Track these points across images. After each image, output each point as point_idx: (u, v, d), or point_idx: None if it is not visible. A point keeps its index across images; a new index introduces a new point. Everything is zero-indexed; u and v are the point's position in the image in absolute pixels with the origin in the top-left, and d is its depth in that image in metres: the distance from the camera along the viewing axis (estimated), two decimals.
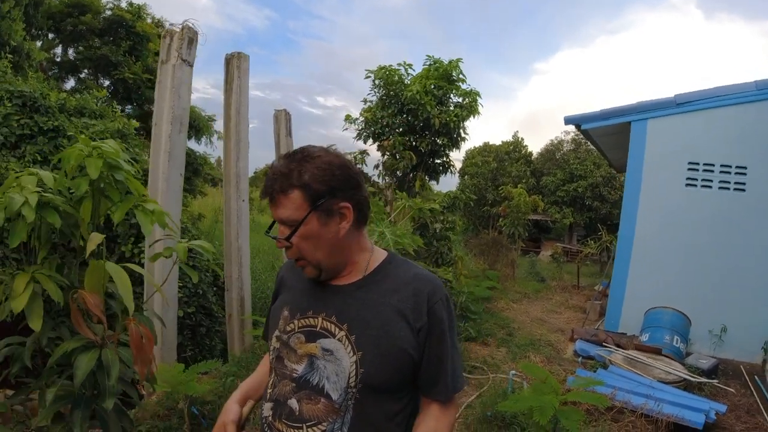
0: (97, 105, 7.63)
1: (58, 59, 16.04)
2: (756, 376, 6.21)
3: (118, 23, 14.93)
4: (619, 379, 5.21)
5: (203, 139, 18.51)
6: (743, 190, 7.03)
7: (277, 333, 1.39)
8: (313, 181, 1.24)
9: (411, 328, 1.29)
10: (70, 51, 15.69)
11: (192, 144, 17.91)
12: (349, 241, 1.35)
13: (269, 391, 1.39)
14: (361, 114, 10.36)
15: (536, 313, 9.51)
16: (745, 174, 7.03)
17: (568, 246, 20.44)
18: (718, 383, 5.65)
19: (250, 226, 5.97)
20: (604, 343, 6.67)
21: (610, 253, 15.13)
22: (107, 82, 16.24)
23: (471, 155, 23.08)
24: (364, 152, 10.56)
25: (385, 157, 10.10)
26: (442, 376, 1.34)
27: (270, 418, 1.34)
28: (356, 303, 1.33)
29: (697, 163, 7.30)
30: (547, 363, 6.18)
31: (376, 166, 10.45)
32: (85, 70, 16.37)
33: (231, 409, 1.43)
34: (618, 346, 6.54)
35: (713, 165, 7.21)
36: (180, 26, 4.65)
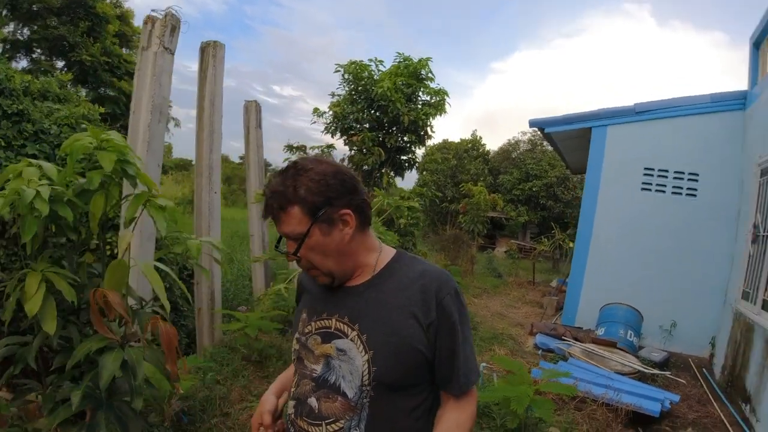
0: (60, 89, 7.42)
1: (11, 37, 15.35)
2: (704, 369, 6.70)
3: (77, 3, 14.38)
4: (579, 371, 5.52)
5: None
6: (695, 195, 7.53)
7: (297, 335, 1.44)
8: (309, 194, 1.25)
9: (420, 325, 1.31)
10: (26, 30, 15.03)
11: None
12: (356, 245, 1.37)
13: (293, 390, 1.44)
14: (329, 108, 10.41)
15: (496, 307, 9.86)
16: (697, 180, 7.52)
17: (523, 243, 21.04)
18: (670, 375, 6.06)
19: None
20: (563, 337, 7.03)
21: (563, 250, 15.74)
22: (61, 64, 15.66)
23: (431, 152, 23.35)
24: (330, 146, 10.66)
25: (353, 152, 10.22)
26: (456, 371, 1.35)
27: (293, 416, 1.40)
28: (366, 303, 1.35)
29: (653, 169, 7.75)
30: (511, 356, 6.46)
31: (342, 161, 10.55)
32: (38, 51, 15.72)
33: (268, 400, 1.48)
34: (576, 339, 6.90)
35: (667, 171, 7.68)
36: (162, 13, 4.58)
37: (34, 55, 15.89)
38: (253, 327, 4.96)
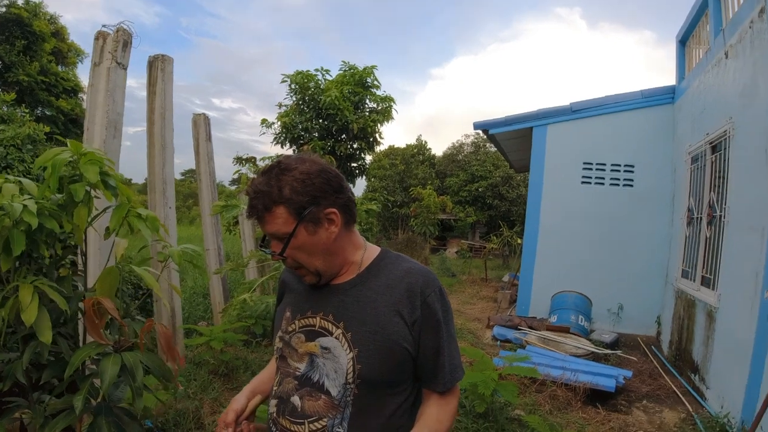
0: (4, 110, 7.25)
1: None
2: (652, 346, 7.16)
3: (13, 21, 13.87)
4: (536, 356, 5.81)
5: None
6: (632, 185, 8.02)
7: (280, 333, 1.43)
8: (294, 194, 1.25)
9: (405, 322, 1.31)
10: None
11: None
12: (342, 243, 1.37)
13: (275, 388, 1.43)
14: (277, 118, 10.48)
15: (453, 305, 10.00)
16: (633, 172, 8.02)
17: (473, 243, 21.55)
18: (622, 353, 6.45)
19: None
20: (518, 327, 7.35)
21: (511, 247, 16.24)
22: None
23: (377, 158, 23.65)
24: (280, 156, 10.71)
25: None
26: (441, 368, 1.36)
27: (275, 414, 1.39)
28: (351, 301, 1.35)
29: (591, 163, 8.21)
30: (472, 347, 6.71)
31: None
32: None
33: (237, 400, 1.48)
34: (531, 328, 7.23)
35: (605, 164, 8.15)
36: (113, 28, 4.58)
37: None
38: (218, 340, 4.97)
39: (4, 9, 14.30)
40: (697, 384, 5.35)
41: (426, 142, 27.34)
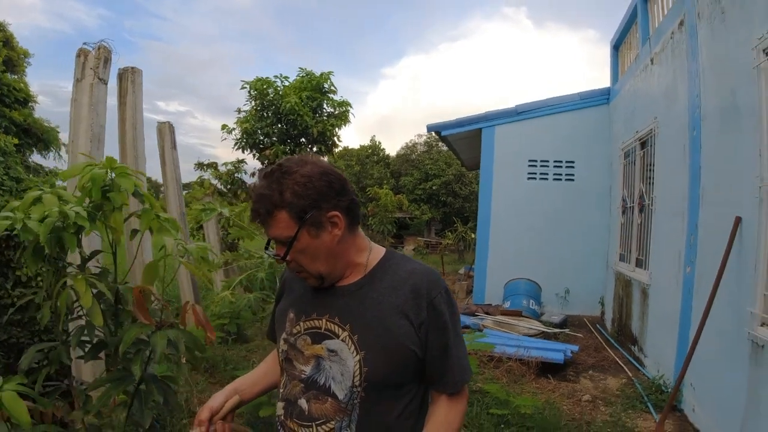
0: None
1: None
2: (597, 325, 7.87)
3: None
4: (493, 338, 6.32)
5: (51, 153, 17.17)
6: (573, 180, 8.76)
7: (284, 336, 1.41)
8: (295, 197, 1.23)
9: (412, 324, 1.30)
10: None
11: (38, 158, 16.52)
12: (346, 246, 1.35)
13: (281, 390, 1.42)
14: (237, 124, 10.72)
15: None
16: (573, 167, 8.76)
17: (429, 239, 22.18)
18: (569, 332, 7.10)
19: None
20: (475, 313, 7.90)
21: (466, 242, 16.91)
22: None
23: (333, 160, 23.97)
24: (241, 161, 10.96)
25: (265, 165, 10.59)
26: (449, 369, 1.34)
27: (282, 417, 1.38)
28: (357, 303, 1.33)
29: (536, 160, 8.90)
30: None
31: (253, 174, 10.86)
32: None
33: (215, 397, 1.45)
34: (486, 313, 7.78)
35: (548, 161, 8.86)
36: (94, 46, 4.85)
37: None
38: (199, 337, 5.28)
39: None
40: (637, 354, 6.01)
41: (380, 143, 27.97)
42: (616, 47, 8.39)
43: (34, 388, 2.34)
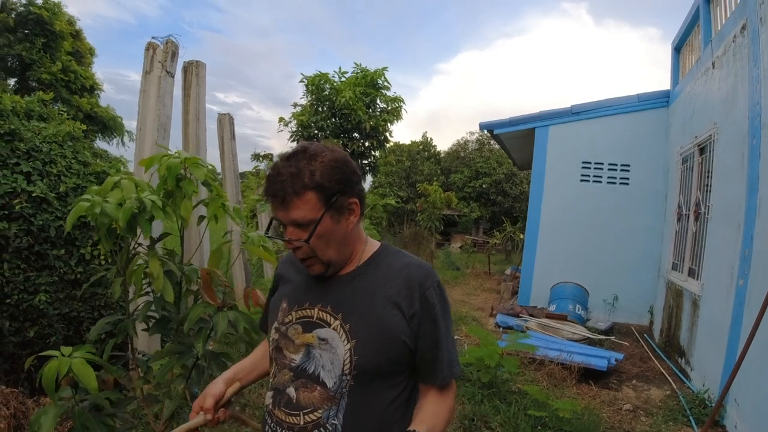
0: (41, 108, 7.73)
1: None
2: (645, 334, 7.68)
3: (33, 20, 14.36)
4: (536, 341, 6.31)
5: (115, 140, 18.01)
6: (627, 183, 8.53)
7: (276, 325, 1.41)
8: (325, 180, 1.23)
9: (404, 315, 1.31)
10: None
11: (102, 144, 17.29)
12: (355, 235, 1.38)
13: (270, 380, 1.42)
14: (292, 117, 11.00)
15: (457, 296, 10.64)
16: (628, 170, 8.53)
17: (476, 238, 22.04)
18: (615, 339, 6.97)
19: None
20: (519, 315, 7.87)
21: (514, 242, 16.73)
22: (12, 81, 15.52)
23: (384, 155, 24.15)
24: None
25: None
26: (439, 362, 1.36)
27: (270, 406, 1.38)
28: (351, 292, 1.34)
29: (590, 162, 8.72)
30: (478, 327, 7.24)
31: None
32: None
33: (215, 384, 1.44)
34: (531, 316, 7.75)
35: (602, 163, 8.66)
36: (162, 40, 5.13)
37: None
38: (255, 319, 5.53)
39: (22, 8, 14.77)
40: (683, 366, 5.86)
41: (431, 139, 27.90)
42: (678, 49, 8.12)
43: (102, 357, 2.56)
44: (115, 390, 2.80)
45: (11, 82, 15.55)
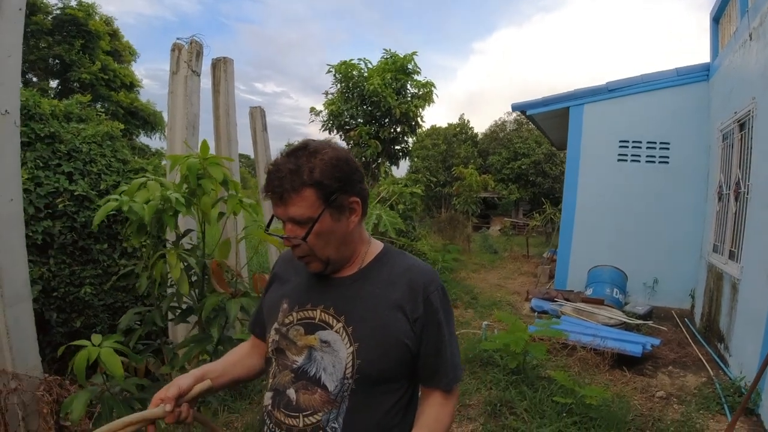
0: (79, 110, 8.02)
1: None
2: (686, 319, 7.46)
3: (69, 21, 14.84)
4: (570, 325, 6.22)
5: (157, 134, 18.54)
6: (667, 162, 8.24)
7: (276, 326, 1.39)
8: (325, 177, 1.21)
9: (407, 318, 1.30)
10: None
11: (144, 139, 17.80)
12: (356, 235, 1.37)
13: (270, 380, 1.40)
14: (324, 106, 11.07)
15: (494, 280, 10.59)
16: (668, 149, 8.23)
17: (516, 220, 21.79)
18: (653, 324, 6.79)
19: None
20: (555, 299, 7.76)
21: (554, 224, 16.46)
22: (54, 83, 16.08)
23: (420, 138, 24.07)
24: None
25: (350, 146, 10.89)
26: (442, 366, 1.35)
27: (269, 407, 1.36)
28: (353, 295, 1.33)
29: (627, 141, 8.45)
30: (506, 313, 7.19)
31: None
32: (30, 72, 16.12)
33: (183, 376, 1.35)
34: (567, 300, 7.63)
35: (641, 142, 8.38)
36: (186, 40, 5.25)
37: (28, 76, 16.33)
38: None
39: (59, 11, 15.25)
40: (722, 352, 5.68)
41: (468, 121, 27.60)
42: (716, 19, 7.74)
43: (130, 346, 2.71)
44: (146, 377, 2.97)
45: (53, 83, 16.16)
